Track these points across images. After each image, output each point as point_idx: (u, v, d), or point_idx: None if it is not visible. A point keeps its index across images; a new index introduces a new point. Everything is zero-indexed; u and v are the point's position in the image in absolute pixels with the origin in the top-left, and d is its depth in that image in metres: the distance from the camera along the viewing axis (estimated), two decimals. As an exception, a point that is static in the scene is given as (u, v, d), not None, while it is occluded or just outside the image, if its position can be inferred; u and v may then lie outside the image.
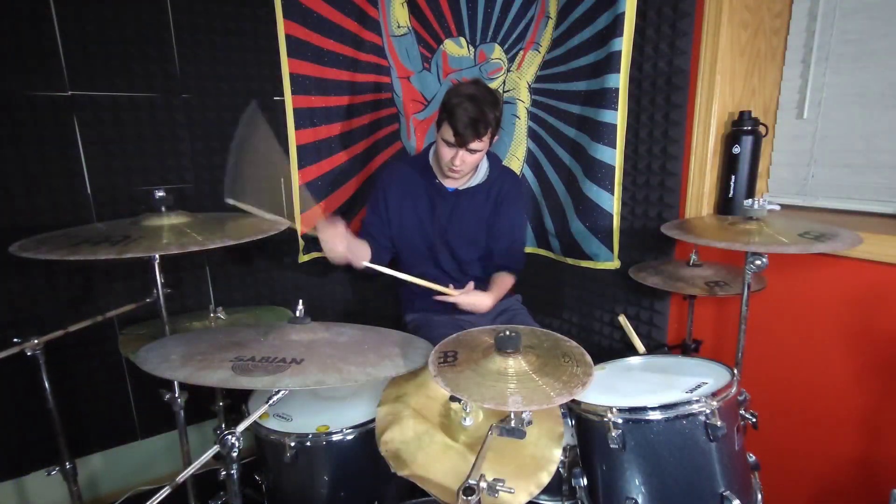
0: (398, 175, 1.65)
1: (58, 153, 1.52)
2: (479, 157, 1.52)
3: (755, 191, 1.49)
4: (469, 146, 1.44)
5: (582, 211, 1.72)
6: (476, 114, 1.40)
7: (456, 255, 1.68)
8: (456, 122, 1.40)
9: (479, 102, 1.41)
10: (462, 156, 1.47)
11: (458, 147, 1.45)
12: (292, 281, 1.99)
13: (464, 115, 1.40)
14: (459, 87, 1.47)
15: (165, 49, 1.61)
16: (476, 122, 1.40)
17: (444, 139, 1.46)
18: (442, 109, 1.46)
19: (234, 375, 0.86)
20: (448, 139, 1.45)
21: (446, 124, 1.44)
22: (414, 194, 1.62)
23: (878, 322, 1.24)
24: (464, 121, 1.40)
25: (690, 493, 0.98)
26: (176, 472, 0.86)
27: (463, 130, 1.41)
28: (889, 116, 1.32)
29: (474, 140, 1.43)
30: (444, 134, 1.45)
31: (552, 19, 1.76)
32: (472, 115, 1.40)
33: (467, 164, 1.49)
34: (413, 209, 1.63)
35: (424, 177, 1.62)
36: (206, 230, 1.11)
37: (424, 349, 1.09)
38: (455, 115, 1.40)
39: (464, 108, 1.40)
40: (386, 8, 1.89)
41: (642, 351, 1.34)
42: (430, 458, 1.03)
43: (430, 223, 1.63)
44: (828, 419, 1.36)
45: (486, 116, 1.41)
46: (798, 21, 1.45)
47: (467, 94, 1.42)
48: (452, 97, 1.44)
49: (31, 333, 1.18)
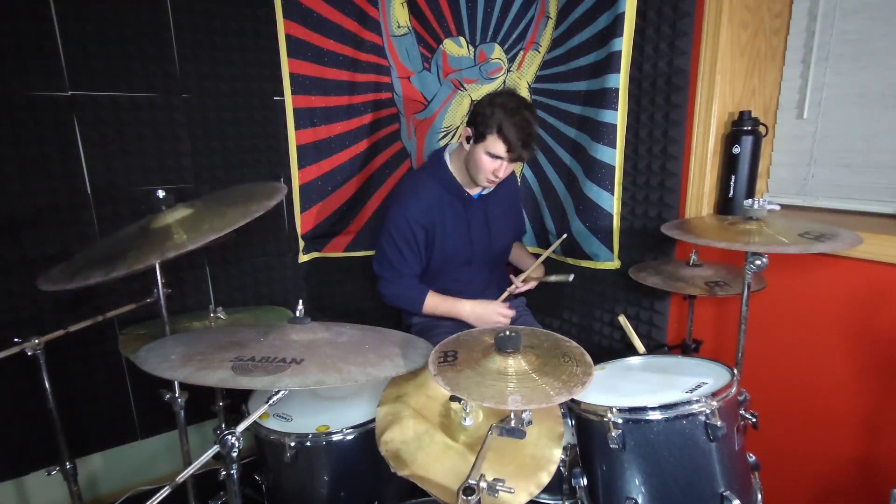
0: (425, 202, 1.54)
1: (58, 153, 1.52)
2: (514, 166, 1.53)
3: (755, 191, 1.49)
4: (518, 160, 1.45)
5: (582, 211, 1.72)
6: (529, 129, 1.40)
7: (494, 255, 1.72)
8: (510, 139, 1.38)
9: (527, 117, 1.40)
10: (506, 166, 1.45)
11: (509, 162, 1.44)
12: (292, 281, 1.99)
13: (518, 132, 1.38)
14: (500, 99, 1.42)
15: (165, 49, 1.61)
16: (529, 136, 1.40)
17: (489, 152, 1.42)
18: (485, 118, 1.40)
19: (234, 375, 0.86)
20: (497, 153, 1.41)
21: (496, 138, 1.39)
22: (450, 213, 1.58)
23: (878, 322, 1.24)
24: (520, 138, 1.38)
25: (690, 493, 0.98)
26: (176, 472, 0.86)
27: (518, 147, 1.40)
28: (889, 116, 1.31)
29: (526, 156, 1.44)
30: (492, 148, 1.41)
31: (552, 19, 1.76)
32: (527, 131, 1.39)
33: (508, 172, 1.50)
34: (455, 228, 1.59)
35: (452, 192, 1.57)
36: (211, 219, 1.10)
37: (424, 349, 1.09)
38: (507, 130, 1.38)
39: (519, 122, 1.38)
40: (386, 8, 1.89)
41: (642, 351, 1.34)
42: (430, 458, 1.03)
43: (469, 234, 1.61)
44: (828, 419, 1.36)
45: (535, 130, 1.43)
46: (798, 21, 1.45)
47: (513, 108, 1.38)
48: (500, 109, 1.39)
49: (31, 333, 1.19)
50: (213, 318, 1.46)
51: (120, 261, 0.99)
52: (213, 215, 1.11)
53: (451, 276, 1.66)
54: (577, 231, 1.76)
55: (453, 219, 1.58)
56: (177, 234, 1.06)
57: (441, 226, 1.56)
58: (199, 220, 1.10)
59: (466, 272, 1.68)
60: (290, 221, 1.91)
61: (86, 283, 0.98)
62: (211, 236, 1.01)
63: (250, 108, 1.78)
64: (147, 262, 0.99)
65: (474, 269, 1.69)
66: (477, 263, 1.68)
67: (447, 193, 1.57)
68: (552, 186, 1.85)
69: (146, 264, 1.00)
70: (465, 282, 1.68)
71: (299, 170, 1.87)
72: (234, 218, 1.05)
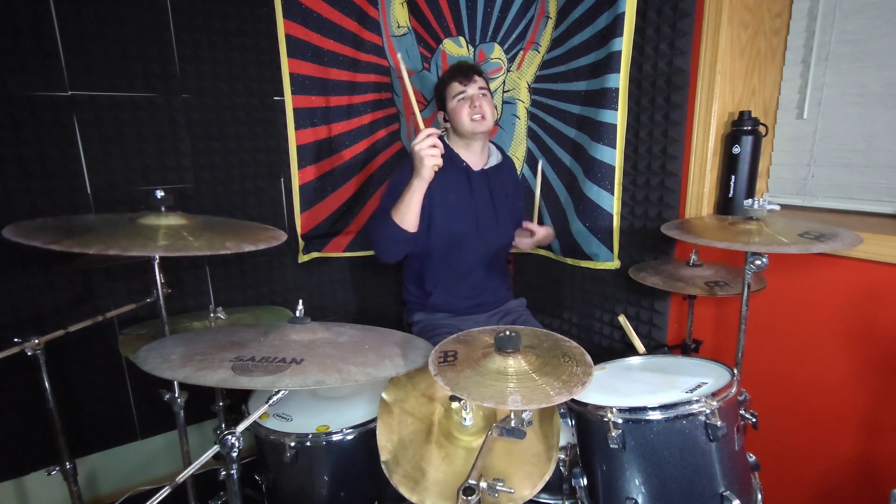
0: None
1: (58, 153, 1.52)
2: (490, 100, 1.62)
3: (755, 191, 1.49)
4: (477, 84, 1.58)
5: (582, 211, 1.72)
6: (462, 61, 1.66)
7: (498, 238, 1.75)
8: (454, 73, 1.59)
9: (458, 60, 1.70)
10: (477, 99, 1.57)
11: (467, 87, 1.57)
12: (292, 281, 1.99)
13: (455, 66, 1.62)
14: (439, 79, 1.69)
15: (165, 49, 1.61)
16: (466, 62, 1.65)
17: (454, 96, 1.59)
18: (438, 92, 1.66)
19: (234, 375, 0.86)
20: (456, 90, 1.58)
21: (448, 86, 1.60)
22: (453, 183, 1.63)
23: (878, 322, 1.24)
24: (459, 68, 1.60)
25: (690, 493, 0.98)
26: (176, 472, 0.86)
27: (463, 71, 1.58)
28: (889, 116, 1.31)
29: (476, 75, 1.58)
30: (451, 92, 1.59)
31: (552, 19, 1.76)
32: (461, 62, 1.64)
33: (486, 106, 1.58)
34: (457, 198, 1.64)
35: (453, 163, 1.64)
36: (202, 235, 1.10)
37: (424, 349, 1.09)
38: (448, 73, 1.62)
39: (450, 69, 1.64)
40: (386, 8, 1.89)
41: (642, 351, 1.34)
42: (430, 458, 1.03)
43: (474, 205, 1.67)
44: (828, 419, 1.36)
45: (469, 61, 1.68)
46: (798, 21, 1.45)
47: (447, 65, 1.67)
48: (438, 80, 1.67)
49: (31, 333, 1.19)
50: (213, 318, 1.46)
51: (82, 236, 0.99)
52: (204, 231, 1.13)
53: (460, 249, 1.66)
54: (577, 231, 1.76)
55: (456, 187, 1.64)
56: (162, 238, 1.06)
57: (440, 194, 1.60)
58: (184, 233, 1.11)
59: (468, 257, 1.68)
60: (290, 221, 1.91)
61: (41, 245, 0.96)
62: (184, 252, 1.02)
63: (250, 108, 1.78)
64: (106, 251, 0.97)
65: (476, 253, 1.68)
66: (480, 244, 1.68)
67: (449, 165, 1.60)
68: (552, 186, 1.85)
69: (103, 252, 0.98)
70: (466, 270, 1.69)
71: (299, 170, 1.87)
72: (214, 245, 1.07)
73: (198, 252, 1.02)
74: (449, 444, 1.08)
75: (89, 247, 0.96)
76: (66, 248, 0.95)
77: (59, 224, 1.10)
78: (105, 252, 0.96)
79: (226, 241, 1.08)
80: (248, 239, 1.12)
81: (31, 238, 0.97)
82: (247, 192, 1.83)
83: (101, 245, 0.96)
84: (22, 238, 0.98)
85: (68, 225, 1.10)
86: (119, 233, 1.06)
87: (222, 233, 1.15)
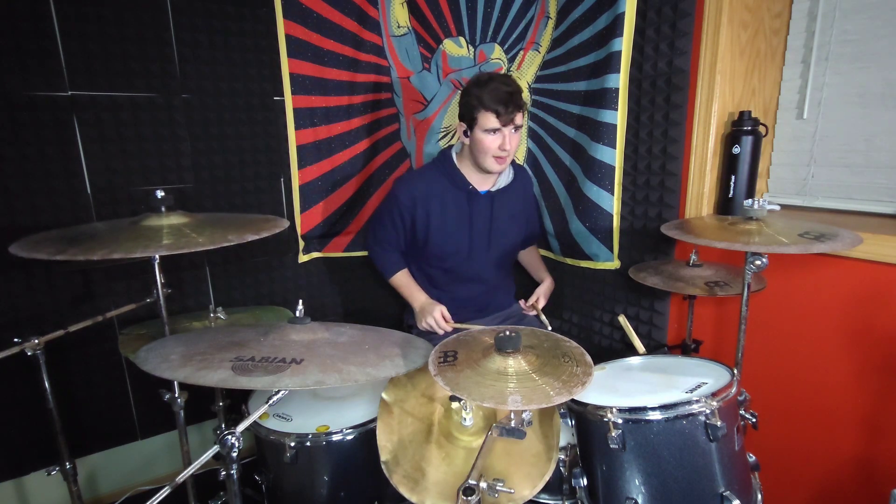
0: (422, 192, 1.59)
1: (58, 153, 1.52)
2: (520, 135, 1.53)
3: (755, 191, 1.49)
4: (514, 122, 1.45)
5: (582, 211, 1.72)
6: (507, 88, 1.42)
7: (494, 254, 1.70)
8: (495, 104, 1.41)
9: (499, 80, 1.44)
10: (508, 136, 1.47)
11: (504, 126, 1.45)
12: (292, 281, 1.99)
13: (497, 95, 1.41)
14: (475, 79, 1.48)
15: (165, 49, 1.61)
16: (512, 94, 1.43)
17: (485, 129, 1.45)
18: (468, 104, 1.46)
19: (234, 375, 0.86)
20: (490, 125, 1.44)
21: (483, 112, 1.43)
22: (452, 205, 1.60)
23: (878, 322, 1.24)
24: (502, 98, 1.41)
25: (690, 493, 0.98)
26: (176, 472, 0.87)
27: (504, 109, 1.41)
28: (889, 116, 1.31)
29: (517, 112, 1.44)
30: (485, 122, 1.44)
31: (552, 19, 1.76)
32: (507, 90, 1.42)
33: (514, 144, 1.49)
34: (456, 219, 1.61)
35: (456, 185, 1.60)
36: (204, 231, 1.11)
37: (424, 349, 1.09)
38: (488, 99, 1.42)
39: (493, 88, 1.42)
40: (386, 8, 1.89)
41: (642, 351, 1.34)
42: (430, 458, 1.03)
43: (470, 228, 1.63)
44: (828, 419, 1.36)
45: (513, 88, 1.44)
46: (798, 21, 1.45)
47: (484, 81, 1.44)
48: (474, 88, 1.44)
49: (31, 333, 1.19)
50: (213, 318, 1.46)
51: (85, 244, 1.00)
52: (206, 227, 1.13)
53: (453, 265, 1.67)
54: (576, 231, 1.76)
55: (455, 211, 1.61)
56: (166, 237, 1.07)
57: (438, 215, 1.59)
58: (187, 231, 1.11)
59: (470, 266, 1.68)
60: (290, 221, 1.91)
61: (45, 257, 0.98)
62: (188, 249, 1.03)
63: (250, 108, 1.78)
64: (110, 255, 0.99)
65: (478, 264, 1.68)
66: (479, 259, 1.68)
67: (451, 186, 1.60)
68: (552, 186, 1.85)
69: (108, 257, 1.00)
70: (470, 276, 1.69)
71: (299, 170, 1.87)
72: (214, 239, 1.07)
73: (202, 247, 1.03)
74: (449, 445, 1.08)
75: (94, 253, 0.97)
76: (71, 256, 0.97)
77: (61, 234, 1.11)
78: (109, 256, 0.97)
79: (228, 234, 1.09)
80: (250, 230, 1.12)
81: (35, 251, 0.99)
82: (247, 192, 1.83)
83: (104, 250, 0.98)
84: (26, 252, 0.99)
85: (71, 234, 1.11)
86: (122, 236, 1.06)
87: (224, 227, 1.15)
